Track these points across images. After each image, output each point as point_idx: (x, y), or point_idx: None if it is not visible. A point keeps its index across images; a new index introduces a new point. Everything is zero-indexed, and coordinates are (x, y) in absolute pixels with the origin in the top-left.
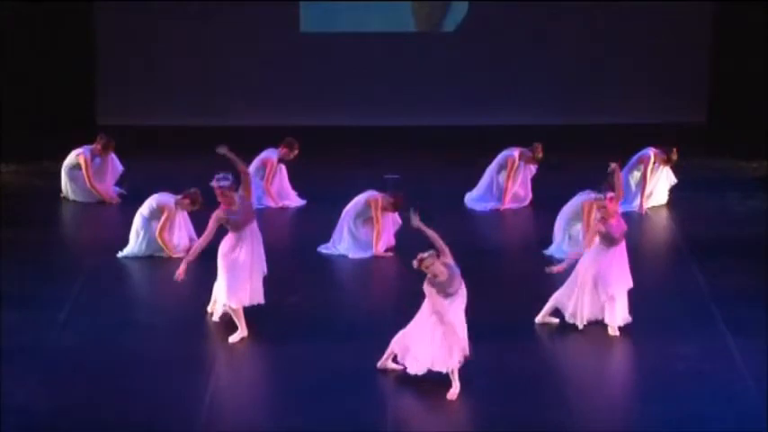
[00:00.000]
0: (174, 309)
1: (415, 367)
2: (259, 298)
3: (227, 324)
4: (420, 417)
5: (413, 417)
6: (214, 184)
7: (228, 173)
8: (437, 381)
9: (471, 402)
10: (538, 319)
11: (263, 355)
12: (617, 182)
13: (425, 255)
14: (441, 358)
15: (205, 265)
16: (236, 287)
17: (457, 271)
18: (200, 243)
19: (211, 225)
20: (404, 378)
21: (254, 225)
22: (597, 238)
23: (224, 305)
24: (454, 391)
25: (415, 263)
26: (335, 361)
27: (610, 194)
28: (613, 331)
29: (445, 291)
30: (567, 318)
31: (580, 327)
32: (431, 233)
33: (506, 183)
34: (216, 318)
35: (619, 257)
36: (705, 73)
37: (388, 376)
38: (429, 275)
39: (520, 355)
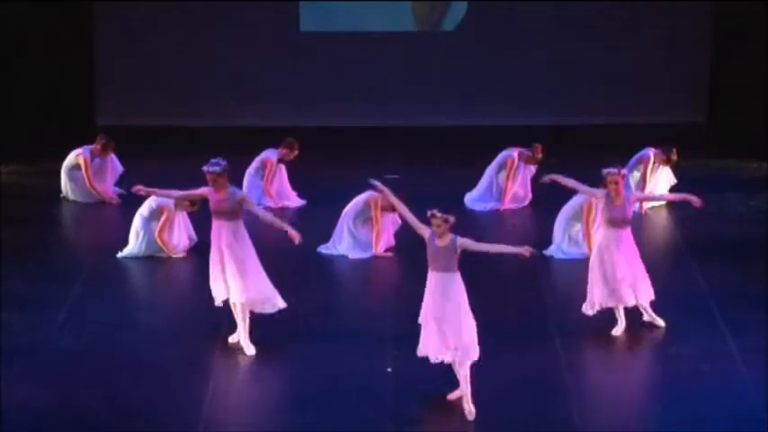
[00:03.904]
0: (174, 309)
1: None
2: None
3: (227, 324)
4: (421, 417)
5: (414, 418)
6: (205, 168)
7: (223, 159)
8: (438, 381)
9: (472, 403)
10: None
11: (263, 356)
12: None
13: (441, 214)
14: (435, 346)
15: (205, 266)
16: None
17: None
18: (176, 194)
19: (197, 191)
20: (404, 378)
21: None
22: (603, 223)
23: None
24: (456, 393)
25: (431, 212)
26: (335, 361)
27: (623, 170)
28: (616, 331)
29: (446, 260)
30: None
31: (591, 314)
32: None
33: (506, 183)
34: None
35: (627, 243)
36: (705, 73)
37: (388, 377)
38: (436, 233)
39: (520, 356)
